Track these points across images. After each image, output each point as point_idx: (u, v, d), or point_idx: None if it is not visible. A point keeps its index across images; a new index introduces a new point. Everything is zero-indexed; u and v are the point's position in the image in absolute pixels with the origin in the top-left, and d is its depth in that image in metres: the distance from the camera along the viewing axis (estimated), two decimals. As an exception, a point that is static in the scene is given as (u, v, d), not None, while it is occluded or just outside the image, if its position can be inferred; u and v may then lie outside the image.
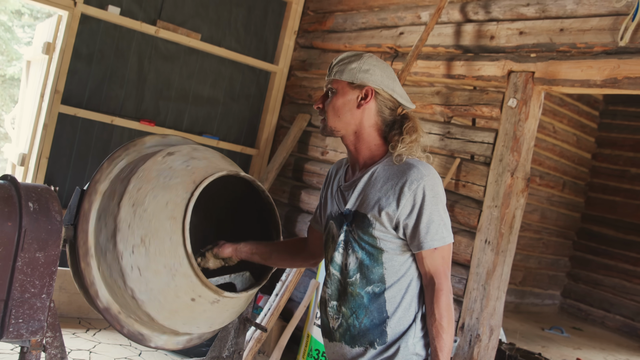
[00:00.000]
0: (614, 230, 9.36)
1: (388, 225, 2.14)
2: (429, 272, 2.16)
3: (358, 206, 2.20)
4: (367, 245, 2.18)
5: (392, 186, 2.14)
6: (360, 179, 2.24)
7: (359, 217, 2.19)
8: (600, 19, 3.92)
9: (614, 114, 9.63)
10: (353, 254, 2.20)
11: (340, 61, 2.28)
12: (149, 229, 2.42)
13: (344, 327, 2.24)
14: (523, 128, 4.25)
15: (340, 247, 2.24)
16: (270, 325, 4.87)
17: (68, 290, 5.23)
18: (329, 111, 2.26)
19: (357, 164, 2.31)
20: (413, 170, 2.13)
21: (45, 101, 5.27)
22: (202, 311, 2.59)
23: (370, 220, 2.16)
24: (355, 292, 2.21)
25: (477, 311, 4.22)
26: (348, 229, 2.22)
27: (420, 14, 5.11)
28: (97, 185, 2.61)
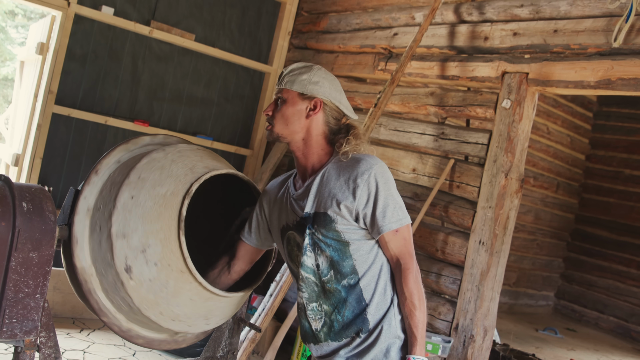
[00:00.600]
0: (607, 232, 9.38)
1: (349, 218, 2.21)
2: (395, 255, 2.25)
3: (316, 207, 2.27)
4: (332, 241, 2.24)
5: (345, 181, 2.22)
6: (312, 183, 2.31)
7: (319, 216, 2.25)
8: (594, 20, 3.93)
9: (608, 116, 9.66)
10: (322, 253, 2.27)
11: (291, 72, 2.35)
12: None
13: (328, 324, 2.30)
14: (517, 129, 4.26)
15: (308, 250, 2.29)
16: (265, 326, 4.86)
17: (62, 291, 5.21)
18: (278, 119, 2.34)
19: (306, 171, 2.37)
20: (361, 162, 2.23)
21: (39, 101, 5.26)
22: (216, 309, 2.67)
23: (331, 217, 2.22)
24: (332, 289, 2.27)
25: (471, 312, 4.23)
26: (311, 231, 2.27)
27: (414, 15, 5.12)
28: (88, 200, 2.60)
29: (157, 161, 2.60)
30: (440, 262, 4.58)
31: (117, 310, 2.60)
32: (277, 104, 2.36)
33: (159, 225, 2.43)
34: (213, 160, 2.76)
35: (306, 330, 2.37)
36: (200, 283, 2.50)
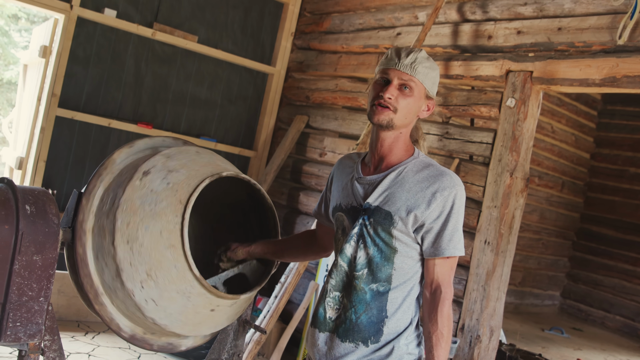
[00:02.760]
0: (613, 230, 9.35)
1: (410, 227, 2.14)
2: (437, 280, 2.16)
3: (382, 203, 2.18)
4: (381, 242, 2.17)
5: (422, 188, 2.14)
6: (386, 176, 2.22)
7: (381, 213, 2.17)
8: (598, 17, 3.91)
9: (613, 114, 9.63)
10: (364, 248, 2.20)
11: (422, 61, 2.20)
12: (151, 262, 2.41)
13: (341, 318, 2.24)
14: (522, 128, 4.24)
15: (352, 239, 2.22)
16: (270, 328, 4.85)
17: (67, 294, 5.21)
18: (402, 108, 2.18)
19: (382, 161, 2.27)
20: (447, 177, 2.16)
21: (43, 104, 5.26)
22: (222, 314, 2.66)
23: (394, 219, 2.15)
24: (359, 287, 2.20)
25: (477, 312, 4.21)
26: (364, 222, 2.20)
27: (418, 14, 5.10)
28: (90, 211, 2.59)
29: (162, 162, 2.60)
30: (446, 262, 4.56)
31: (120, 313, 2.59)
32: (401, 90, 2.19)
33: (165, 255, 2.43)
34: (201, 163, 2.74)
35: (319, 316, 2.31)
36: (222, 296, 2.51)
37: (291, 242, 2.77)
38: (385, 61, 2.22)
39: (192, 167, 2.59)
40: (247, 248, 2.72)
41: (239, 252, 2.73)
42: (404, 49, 2.22)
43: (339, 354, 2.22)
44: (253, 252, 2.72)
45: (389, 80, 2.18)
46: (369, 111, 2.22)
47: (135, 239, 2.40)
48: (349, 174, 2.37)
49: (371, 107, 2.21)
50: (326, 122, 5.91)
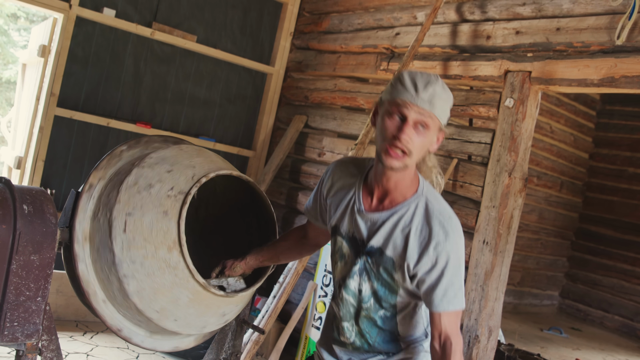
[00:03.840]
0: (612, 230, 9.35)
1: (406, 274, 2.11)
2: (444, 332, 2.09)
3: (384, 247, 2.13)
4: (383, 280, 2.17)
5: (417, 238, 2.08)
6: (389, 218, 2.13)
7: (383, 257, 2.14)
8: (596, 17, 3.91)
9: (611, 114, 9.62)
10: (368, 281, 2.19)
11: (439, 95, 2.02)
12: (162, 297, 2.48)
13: (357, 344, 2.29)
14: (520, 128, 4.24)
15: (356, 274, 2.21)
16: (268, 328, 4.85)
17: (65, 294, 5.21)
18: (417, 149, 2.03)
19: (386, 195, 2.16)
20: (441, 231, 2.06)
21: (41, 104, 5.25)
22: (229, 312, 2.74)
23: (395, 264, 2.12)
24: (369, 316, 2.23)
25: (476, 312, 4.21)
26: (367, 260, 2.18)
27: (416, 14, 5.10)
28: None
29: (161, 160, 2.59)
30: (444, 262, 4.55)
31: (118, 312, 2.59)
32: (417, 129, 2.01)
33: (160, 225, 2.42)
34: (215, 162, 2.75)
35: (335, 337, 2.35)
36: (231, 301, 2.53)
37: (284, 245, 2.74)
38: (401, 90, 2.01)
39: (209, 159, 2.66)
40: (243, 262, 2.71)
41: (237, 269, 2.71)
42: (420, 77, 2.01)
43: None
44: (250, 265, 2.72)
45: (405, 117, 2.00)
46: (381, 149, 2.05)
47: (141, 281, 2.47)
48: (348, 194, 2.27)
49: (384, 147, 2.04)
50: (325, 122, 5.91)
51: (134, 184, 2.50)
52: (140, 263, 2.41)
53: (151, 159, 2.61)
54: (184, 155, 2.68)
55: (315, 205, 2.49)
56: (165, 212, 2.44)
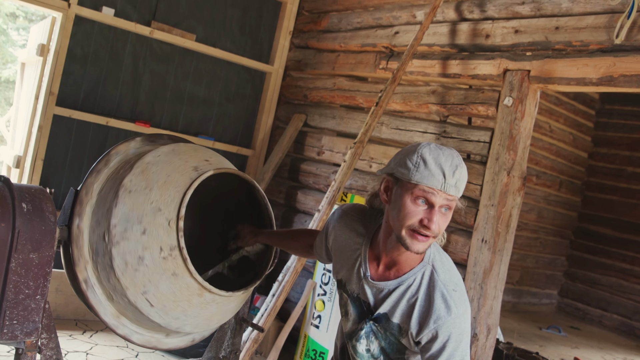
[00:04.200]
0: (610, 229, 9.36)
1: (411, 341, 2.10)
2: None
3: (391, 314, 2.12)
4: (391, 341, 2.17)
5: (420, 309, 2.07)
6: (395, 288, 2.12)
7: (390, 323, 2.13)
8: (595, 16, 3.91)
9: (610, 113, 9.64)
10: (376, 341, 2.20)
11: (464, 177, 2.00)
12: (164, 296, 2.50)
13: None
14: (519, 127, 4.24)
15: (363, 338, 2.21)
16: (267, 326, 4.85)
17: (65, 292, 5.21)
18: (441, 230, 2.00)
19: (392, 265, 2.15)
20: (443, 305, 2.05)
21: (40, 103, 5.25)
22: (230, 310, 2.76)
23: (402, 330, 2.11)
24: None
25: (475, 310, 4.21)
26: (374, 324, 2.18)
27: (416, 13, 5.10)
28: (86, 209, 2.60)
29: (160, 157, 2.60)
30: (443, 261, 4.56)
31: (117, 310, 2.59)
32: (441, 212, 1.98)
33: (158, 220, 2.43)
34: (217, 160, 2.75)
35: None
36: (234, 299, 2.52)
37: (292, 244, 2.84)
38: (427, 176, 1.95)
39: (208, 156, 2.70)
40: (254, 239, 2.85)
41: (249, 239, 2.86)
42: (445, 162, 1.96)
43: None
44: (258, 241, 2.88)
45: (433, 204, 1.96)
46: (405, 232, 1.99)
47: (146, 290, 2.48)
48: (354, 254, 2.26)
49: (409, 231, 1.99)
50: (324, 121, 5.91)
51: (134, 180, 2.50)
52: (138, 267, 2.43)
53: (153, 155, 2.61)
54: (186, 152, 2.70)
55: (322, 248, 2.53)
56: (166, 205, 2.44)
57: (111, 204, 2.45)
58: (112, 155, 2.71)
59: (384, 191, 2.09)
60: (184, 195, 2.48)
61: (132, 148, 2.78)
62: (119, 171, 2.60)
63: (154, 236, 2.41)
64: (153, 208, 2.44)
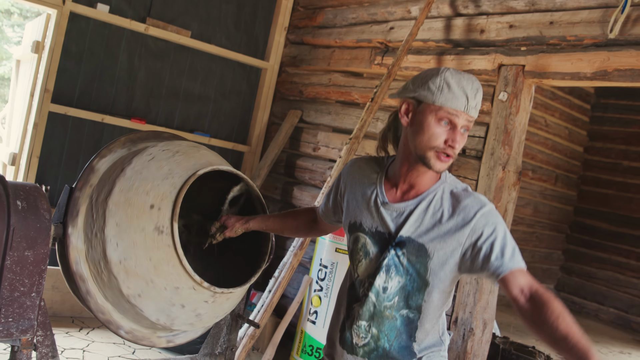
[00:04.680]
0: (606, 223, 9.38)
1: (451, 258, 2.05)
2: (527, 285, 1.96)
3: (416, 235, 2.08)
4: (415, 273, 2.09)
5: (455, 214, 2.05)
6: (417, 205, 2.10)
7: (414, 246, 2.07)
8: (589, 11, 3.92)
9: (606, 107, 9.64)
10: (396, 277, 2.11)
11: (478, 94, 2.05)
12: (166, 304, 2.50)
13: (371, 346, 2.18)
14: (514, 121, 4.25)
15: (383, 271, 2.12)
16: (264, 322, 4.86)
17: (61, 290, 5.21)
18: (459, 150, 2.07)
19: (411, 187, 2.15)
20: (477, 202, 2.05)
21: (35, 100, 5.25)
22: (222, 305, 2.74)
23: (429, 252, 2.06)
24: (391, 315, 2.14)
25: (470, 305, 4.23)
26: (396, 253, 2.11)
27: (410, 9, 5.11)
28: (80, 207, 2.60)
29: (153, 156, 2.60)
30: (439, 256, 4.57)
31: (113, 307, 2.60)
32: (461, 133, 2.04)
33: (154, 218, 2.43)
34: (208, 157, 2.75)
35: (346, 340, 2.23)
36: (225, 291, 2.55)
37: (292, 223, 2.73)
38: (451, 98, 2.01)
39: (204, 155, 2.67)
40: (246, 225, 2.72)
41: (238, 230, 2.73)
42: (470, 84, 2.03)
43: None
44: (250, 228, 2.74)
45: (455, 125, 2.03)
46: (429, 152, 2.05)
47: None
48: (368, 190, 2.24)
49: (433, 152, 2.05)
50: (320, 117, 5.91)
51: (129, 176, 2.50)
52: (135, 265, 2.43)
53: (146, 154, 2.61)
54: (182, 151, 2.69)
55: (329, 205, 2.47)
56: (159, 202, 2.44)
57: (106, 203, 2.45)
58: (106, 153, 2.71)
59: (405, 113, 2.12)
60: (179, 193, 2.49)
61: (125, 147, 2.78)
62: (113, 168, 2.60)
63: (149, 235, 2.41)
64: (149, 206, 2.44)
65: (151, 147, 2.66)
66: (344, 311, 2.27)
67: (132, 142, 2.82)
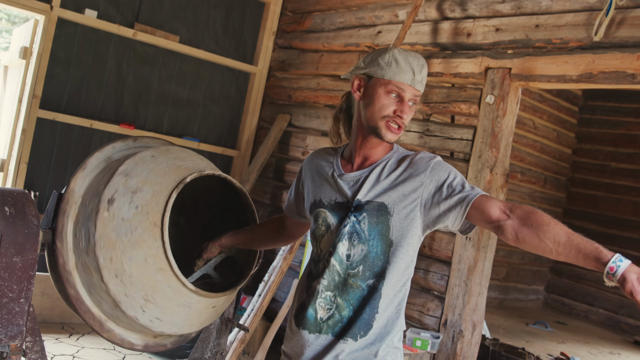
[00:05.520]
0: (595, 225, 9.42)
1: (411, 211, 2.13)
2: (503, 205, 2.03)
3: (374, 196, 2.17)
4: (377, 235, 2.15)
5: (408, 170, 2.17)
6: (372, 171, 2.22)
7: (373, 206, 2.15)
8: (574, 14, 3.96)
9: (594, 109, 9.70)
10: (359, 244, 2.16)
11: (426, 73, 2.22)
12: (145, 288, 2.45)
13: (336, 318, 2.19)
14: (501, 124, 4.28)
15: (344, 238, 2.18)
16: (254, 326, 4.87)
17: (50, 296, 5.20)
18: (407, 121, 2.21)
19: (366, 159, 2.27)
20: (425, 154, 2.20)
21: (24, 106, 5.24)
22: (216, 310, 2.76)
23: (389, 209, 2.14)
24: (355, 284, 2.17)
25: (460, 307, 4.25)
26: (357, 219, 2.17)
27: (398, 13, 5.13)
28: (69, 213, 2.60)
29: (123, 184, 2.56)
30: (428, 259, 4.60)
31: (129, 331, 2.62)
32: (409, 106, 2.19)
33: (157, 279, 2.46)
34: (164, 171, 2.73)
35: (308, 317, 2.23)
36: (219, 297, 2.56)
37: (261, 232, 2.78)
38: (398, 72, 2.17)
39: (155, 181, 2.55)
40: (219, 242, 2.76)
41: (213, 249, 2.77)
42: (416, 60, 2.19)
43: (330, 352, 2.18)
44: (224, 245, 2.77)
45: (402, 97, 2.18)
46: (379, 123, 2.19)
47: (123, 271, 2.43)
48: (327, 170, 2.34)
49: (384, 122, 2.18)
50: (308, 121, 5.93)
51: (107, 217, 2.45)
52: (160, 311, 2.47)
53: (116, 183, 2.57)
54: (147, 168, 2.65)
55: (292, 198, 2.56)
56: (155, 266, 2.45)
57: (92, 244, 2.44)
58: (94, 159, 2.71)
59: (357, 89, 2.28)
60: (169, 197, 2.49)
61: (114, 152, 2.78)
62: (101, 177, 2.60)
63: (140, 242, 2.42)
64: (138, 212, 2.44)
65: (137, 154, 2.66)
66: (303, 296, 2.30)
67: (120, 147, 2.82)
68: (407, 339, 4.25)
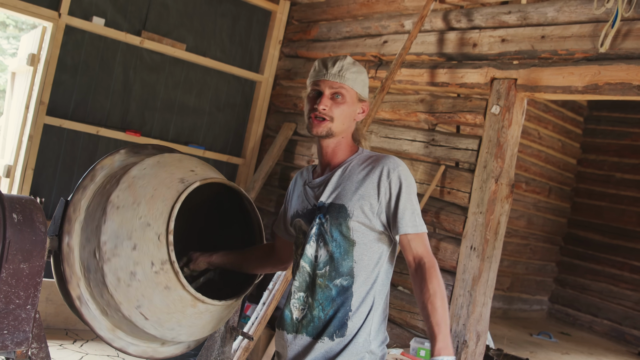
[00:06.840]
0: (600, 235, 9.40)
1: (369, 213, 2.22)
2: (418, 254, 2.20)
3: (334, 198, 2.27)
4: (339, 236, 2.23)
5: (368, 177, 2.24)
6: (334, 174, 2.32)
7: (335, 208, 2.25)
8: (580, 26, 3.96)
9: (599, 120, 9.70)
10: (324, 246, 2.26)
11: (348, 68, 2.31)
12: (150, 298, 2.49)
13: (308, 318, 2.28)
14: (506, 134, 4.28)
15: (312, 240, 2.29)
16: (258, 334, 4.87)
17: (55, 302, 5.21)
18: (338, 116, 2.29)
19: (329, 164, 2.38)
20: (388, 160, 2.25)
21: (31, 112, 5.26)
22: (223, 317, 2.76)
23: (348, 211, 2.22)
24: (324, 284, 2.25)
25: (464, 317, 4.24)
26: (320, 221, 2.27)
27: (404, 23, 5.15)
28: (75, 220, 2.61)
29: (145, 170, 2.60)
30: (433, 268, 4.58)
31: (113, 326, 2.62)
32: (334, 99, 2.30)
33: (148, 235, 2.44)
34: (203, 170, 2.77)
35: (285, 318, 2.34)
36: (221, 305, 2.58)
37: (252, 256, 2.78)
38: (314, 73, 2.33)
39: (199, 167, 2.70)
40: (208, 259, 2.77)
41: (200, 263, 2.78)
42: (329, 59, 2.33)
43: (307, 351, 2.26)
44: (213, 263, 2.78)
45: (321, 92, 2.30)
46: (307, 124, 2.34)
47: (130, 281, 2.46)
48: (301, 183, 2.47)
49: (308, 120, 2.32)
50: (314, 129, 5.93)
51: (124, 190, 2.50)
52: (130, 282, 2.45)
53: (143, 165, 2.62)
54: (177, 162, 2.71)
55: (281, 214, 2.63)
56: (156, 213, 2.46)
57: (100, 221, 2.45)
58: (98, 169, 2.71)
59: None
60: (172, 209, 2.49)
61: (118, 161, 2.79)
62: (105, 186, 2.60)
63: (144, 251, 2.42)
64: (142, 223, 2.44)
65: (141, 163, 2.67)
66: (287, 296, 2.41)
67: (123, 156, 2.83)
68: (411, 348, 4.25)
